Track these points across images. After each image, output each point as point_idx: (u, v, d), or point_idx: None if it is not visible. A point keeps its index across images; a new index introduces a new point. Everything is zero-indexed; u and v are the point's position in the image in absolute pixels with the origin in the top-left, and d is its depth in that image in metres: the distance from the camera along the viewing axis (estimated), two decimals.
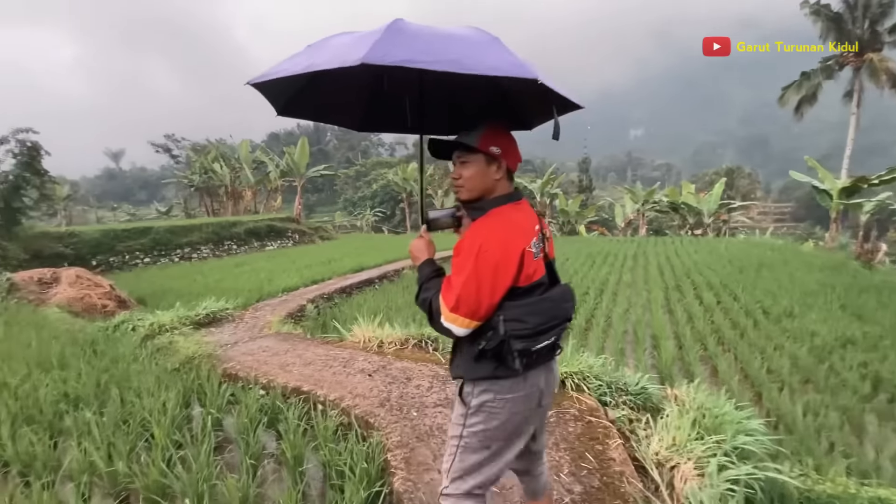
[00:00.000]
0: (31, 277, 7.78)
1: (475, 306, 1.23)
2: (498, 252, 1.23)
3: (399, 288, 10.04)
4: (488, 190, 1.36)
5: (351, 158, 70.09)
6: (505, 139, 1.36)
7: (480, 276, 1.22)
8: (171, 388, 3.10)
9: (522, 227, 1.32)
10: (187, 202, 36.50)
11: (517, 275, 1.26)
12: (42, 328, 5.45)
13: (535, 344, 1.27)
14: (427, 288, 1.37)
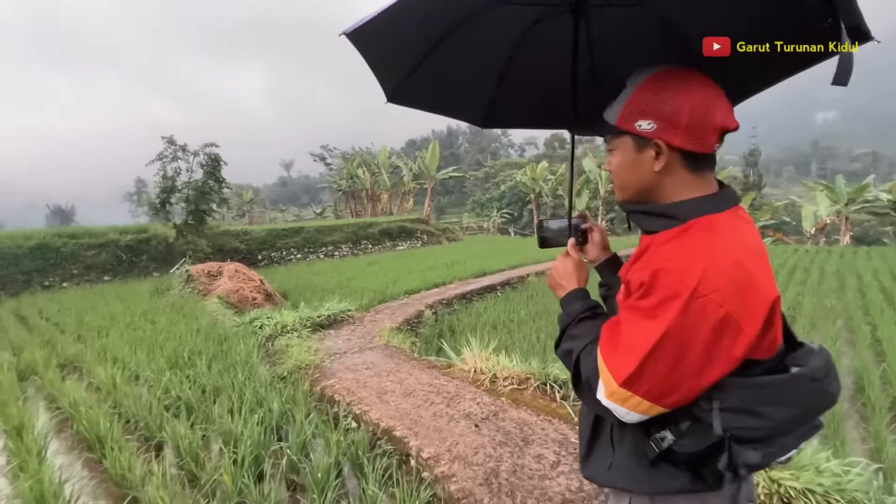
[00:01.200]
0: (202, 270, 9.02)
1: (668, 386, 0.72)
2: (731, 301, 0.68)
3: (522, 297, 9.20)
4: (649, 188, 0.84)
5: (481, 160, 71.06)
6: (669, 100, 0.78)
7: (689, 339, 0.69)
8: (266, 403, 2.85)
9: (761, 256, 0.75)
10: (336, 205, 40.96)
11: (760, 340, 0.72)
12: (197, 318, 6.07)
13: (776, 454, 0.75)
14: (574, 336, 0.89)
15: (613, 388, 0.74)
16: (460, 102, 1.41)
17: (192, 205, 12.33)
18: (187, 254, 12.74)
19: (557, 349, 0.92)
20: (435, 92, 1.34)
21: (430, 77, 1.24)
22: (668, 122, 0.77)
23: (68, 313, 7.11)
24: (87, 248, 11.63)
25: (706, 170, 0.81)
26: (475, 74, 1.29)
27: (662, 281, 0.71)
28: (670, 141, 0.78)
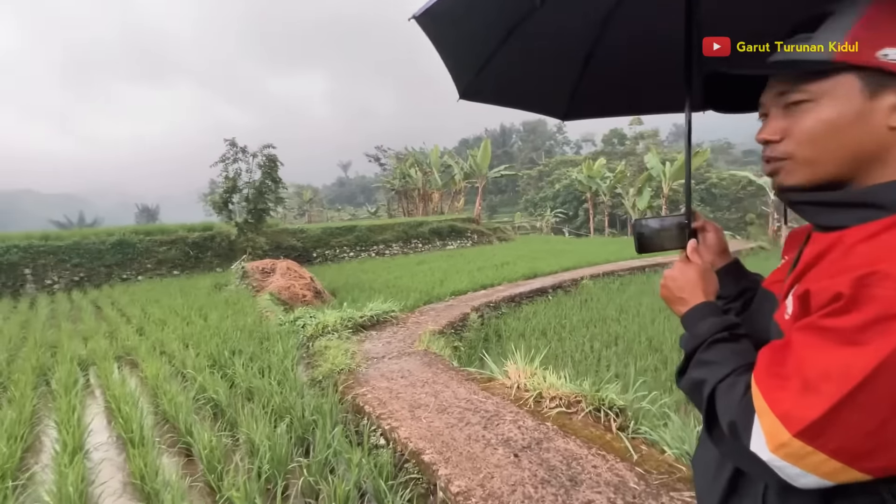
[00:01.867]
0: (257, 267, 9.33)
1: (875, 444, 0.47)
2: None
3: (575, 302, 8.63)
4: (870, 157, 0.56)
5: (535, 159, 69.57)
6: None
7: None
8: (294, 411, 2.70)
9: None
10: (389, 204, 41.74)
11: None
12: (245, 315, 6.20)
13: None
14: (707, 362, 0.65)
15: (783, 438, 0.52)
16: (539, 95, 1.28)
17: (251, 204, 12.89)
18: (247, 250, 13.35)
19: (680, 379, 0.71)
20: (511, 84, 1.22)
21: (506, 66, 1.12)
22: None
23: (136, 305, 7.59)
24: (160, 244, 12.55)
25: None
26: (556, 61, 1.16)
27: (877, 292, 0.48)
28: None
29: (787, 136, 0.62)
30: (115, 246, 11.79)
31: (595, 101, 1.26)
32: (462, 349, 6.12)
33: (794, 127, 0.61)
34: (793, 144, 0.61)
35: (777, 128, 0.62)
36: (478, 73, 1.15)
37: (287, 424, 2.72)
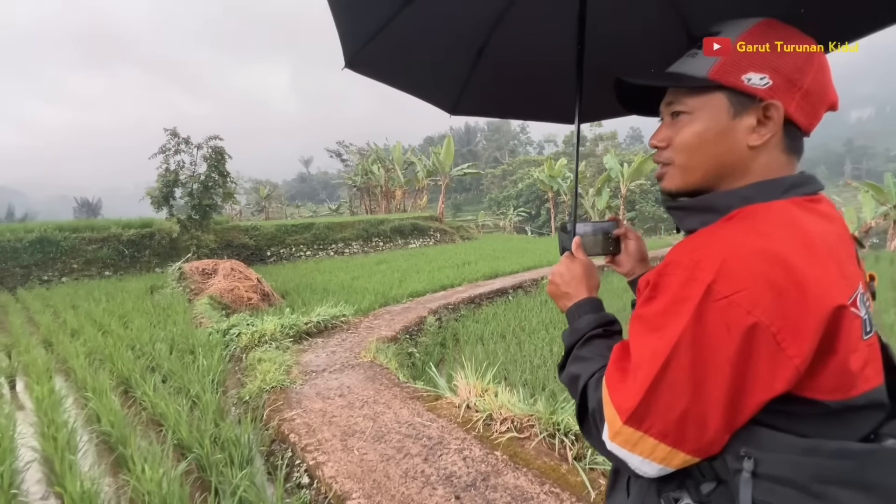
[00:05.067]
0: (196, 268, 8.58)
1: (690, 423, 0.52)
2: (764, 306, 0.49)
3: (535, 303, 8.48)
4: (731, 170, 0.62)
5: (499, 158, 70.20)
6: (786, 54, 0.58)
7: (708, 356, 0.50)
8: (203, 446, 2.24)
9: (836, 252, 0.55)
10: (351, 201, 40.73)
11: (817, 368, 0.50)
12: (175, 323, 5.57)
13: None
14: (582, 357, 0.68)
15: (617, 426, 0.55)
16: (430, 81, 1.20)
17: (195, 199, 11.95)
18: (191, 249, 12.40)
19: (561, 373, 0.72)
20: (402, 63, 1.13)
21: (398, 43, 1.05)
22: (788, 81, 0.58)
23: (48, 312, 6.72)
24: (89, 242, 11.38)
25: (797, 154, 0.62)
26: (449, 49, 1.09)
27: (669, 279, 0.54)
28: (787, 104, 0.58)
29: (670, 144, 0.65)
30: (35, 244, 10.53)
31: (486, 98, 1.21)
32: (417, 356, 5.77)
33: (675, 136, 0.64)
34: (673, 152, 0.65)
35: (664, 135, 0.66)
36: (366, 43, 1.04)
37: (193, 461, 2.27)
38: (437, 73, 1.16)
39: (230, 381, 3.86)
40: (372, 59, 1.07)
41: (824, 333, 0.50)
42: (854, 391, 0.52)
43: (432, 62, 1.13)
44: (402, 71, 1.16)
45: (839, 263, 0.54)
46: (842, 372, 0.51)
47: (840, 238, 0.58)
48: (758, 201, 0.58)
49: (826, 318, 0.50)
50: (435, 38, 1.08)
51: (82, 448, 2.59)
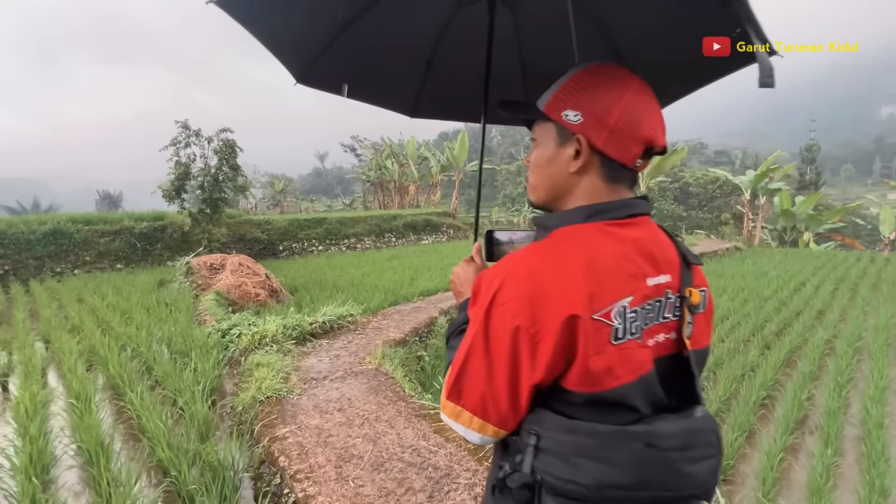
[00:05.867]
0: (204, 262, 8.42)
1: (488, 401, 0.66)
2: (516, 306, 0.64)
3: None
4: (559, 191, 0.76)
5: (514, 154, 69.41)
6: (602, 95, 0.71)
7: (492, 350, 0.65)
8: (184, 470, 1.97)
9: (603, 271, 0.65)
10: (365, 196, 40.64)
11: (556, 362, 0.62)
12: (177, 321, 5.37)
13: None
14: (453, 346, 0.82)
15: (444, 400, 0.71)
16: (385, 90, 1.28)
17: (206, 192, 11.85)
18: (202, 243, 12.32)
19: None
20: (358, 76, 1.18)
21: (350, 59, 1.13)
22: (596, 118, 0.70)
23: (55, 305, 6.61)
24: (101, 234, 11.35)
25: (623, 184, 0.74)
26: (402, 59, 1.18)
27: (479, 289, 0.71)
28: (593, 139, 0.71)
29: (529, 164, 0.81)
30: (48, 236, 10.53)
31: (441, 102, 1.28)
32: (427, 359, 5.48)
33: (530, 157, 0.80)
34: (529, 171, 0.80)
35: (529, 156, 0.81)
36: (316, 60, 1.11)
37: (170, 485, 2.00)
38: (391, 82, 1.21)
39: (227, 386, 3.62)
40: (324, 73, 1.11)
41: (565, 337, 0.61)
42: (600, 387, 0.63)
43: (385, 73, 1.18)
44: (358, 83, 1.19)
45: (602, 281, 0.64)
46: (584, 370, 0.62)
47: (624, 258, 0.67)
48: (568, 224, 0.71)
49: (561, 324, 0.61)
50: (385, 52, 1.14)
51: (57, 463, 2.36)
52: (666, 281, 0.70)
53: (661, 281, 0.69)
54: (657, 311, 0.68)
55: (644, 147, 0.70)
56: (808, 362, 4.96)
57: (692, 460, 0.63)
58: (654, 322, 0.68)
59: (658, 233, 0.74)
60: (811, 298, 8.03)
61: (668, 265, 0.71)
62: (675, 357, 0.70)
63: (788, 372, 5.04)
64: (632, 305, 0.65)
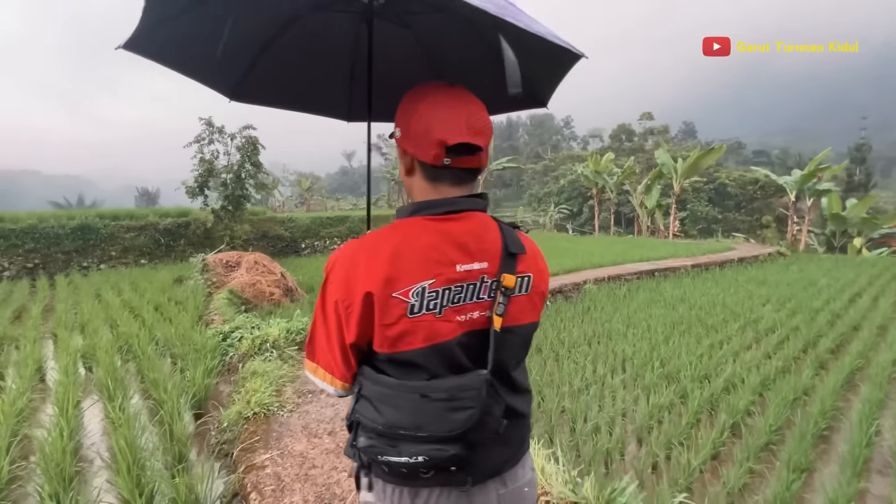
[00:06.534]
0: (220, 260, 8.34)
1: (329, 358, 0.86)
2: (337, 284, 0.83)
3: (577, 310, 7.60)
4: (408, 192, 0.96)
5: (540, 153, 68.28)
6: (407, 110, 0.89)
7: (324, 317, 0.86)
8: None
9: (406, 258, 0.81)
10: (389, 195, 40.73)
11: (363, 329, 0.82)
12: (182, 322, 5.21)
13: (385, 451, 0.80)
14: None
15: (305, 359, 0.91)
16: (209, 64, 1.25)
17: (228, 189, 11.87)
18: (224, 240, 12.36)
19: None
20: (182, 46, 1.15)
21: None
22: (404, 130, 0.89)
23: (71, 300, 6.61)
24: (127, 230, 11.53)
25: (444, 182, 0.88)
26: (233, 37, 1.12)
27: (326, 269, 0.87)
28: (406, 148, 0.89)
29: None
30: (76, 231, 10.76)
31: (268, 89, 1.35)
32: None
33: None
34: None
35: None
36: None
37: None
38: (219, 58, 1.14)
39: (221, 395, 3.36)
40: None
41: (365, 309, 0.79)
42: (396, 349, 0.81)
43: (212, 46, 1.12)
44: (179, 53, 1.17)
45: (403, 266, 0.80)
46: (382, 336, 0.80)
47: (431, 248, 0.82)
48: (401, 217, 0.88)
49: (361, 299, 0.79)
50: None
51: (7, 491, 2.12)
52: (481, 267, 0.85)
53: (474, 267, 0.84)
54: (470, 292, 0.84)
55: (442, 147, 0.82)
56: (874, 387, 4.34)
57: (454, 409, 0.78)
58: (468, 301, 0.84)
59: (482, 226, 0.88)
60: (870, 312, 7.22)
61: (484, 254, 0.85)
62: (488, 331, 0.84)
63: (849, 397, 4.43)
64: (433, 287, 0.80)
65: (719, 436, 3.52)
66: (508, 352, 0.86)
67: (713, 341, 5.82)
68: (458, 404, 0.77)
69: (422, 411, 0.77)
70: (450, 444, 0.77)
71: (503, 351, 0.84)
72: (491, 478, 0.87)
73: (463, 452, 0.78)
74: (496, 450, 0.87)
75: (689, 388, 4.47)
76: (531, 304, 0.91)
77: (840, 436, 3.71)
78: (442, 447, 0.77)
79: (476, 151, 0.84)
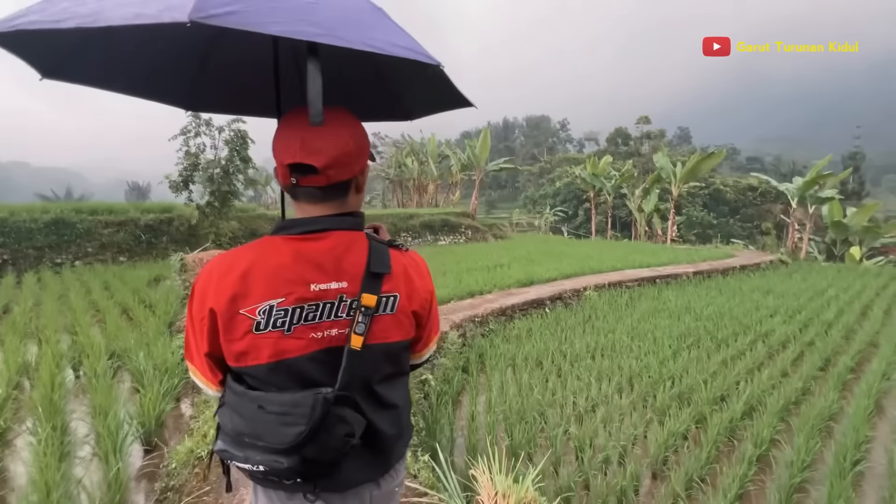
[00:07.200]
0: (200, 259, 7.85)
1: (198, 364, 0.92)
2: (195, 297, 0.88)
3: (578, 319, 7.22)
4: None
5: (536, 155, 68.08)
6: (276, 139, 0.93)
7: (188, 326, 0.92)
8: None
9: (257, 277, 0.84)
10: (384, 194, 40.19)
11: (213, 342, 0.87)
12: (145, 329, 4.73)
13: (234, 456, 0.83)
14: None
15: (186, 360, 0.96)
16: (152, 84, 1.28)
17: (214, 184, 11.35)
18: (210, 237, 11.84)
19: None
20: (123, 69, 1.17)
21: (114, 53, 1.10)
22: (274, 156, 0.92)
23: (32, 301, 6.08)
24: (105, 225, 10.94)
25: (302, 200, 0.91)
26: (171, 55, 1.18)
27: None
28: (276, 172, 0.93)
29: None
30: (49, 225, 10.15)
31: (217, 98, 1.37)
32: (432, 384, 4.70)
33: None
34: None
35: None
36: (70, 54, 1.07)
37: None
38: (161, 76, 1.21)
39: (182, 421, 2.89)
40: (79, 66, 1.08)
41: (212, 324, 0.84)
42: (242, 364, 0.84)
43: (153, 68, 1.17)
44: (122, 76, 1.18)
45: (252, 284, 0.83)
46: (229, 350, 0.84)
47: (283, 267, 0.85)
48: (267, 235, 0.91)
49: (208, 314, 0.84)
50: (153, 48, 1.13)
51: None
52: (339, 287, 0.87)
53: (331, 286, 0.87)
54: (327, 310, 0.87)
55: (284, 167, 0.88)
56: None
57: (287, 424, 0.79)
58: (325, 319, 0.86)
59: (344, 246, 0.90)
60: (884, 327, 6.90)
61: (343, 274, 0.88)
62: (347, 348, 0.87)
63: (878, 423, 4.07)
64: (282, 305, 0.84)
65: (746, 471, 3.13)
66: (369, 369, 0.89)
67: (725, 357, 5.44)
68: (289, 419, 0.78)
69: (259, 422, 0.80)
70: (284, 457, 0.78)
71: (360, 368, 0.86)
72: (361, 484, 0.92)
73: (299, 466, 0.79)
74: (358, 464, 0.89)
75: (705, 411, 4.08)
76: (397, 323, 0.92)
77: (875, 468, 3.33)
78: (277, 459, 0.78)
79: (313, 171, 0.86)
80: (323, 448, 0.79)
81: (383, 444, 0.92)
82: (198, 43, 1.16)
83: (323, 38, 0.75)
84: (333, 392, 0.80)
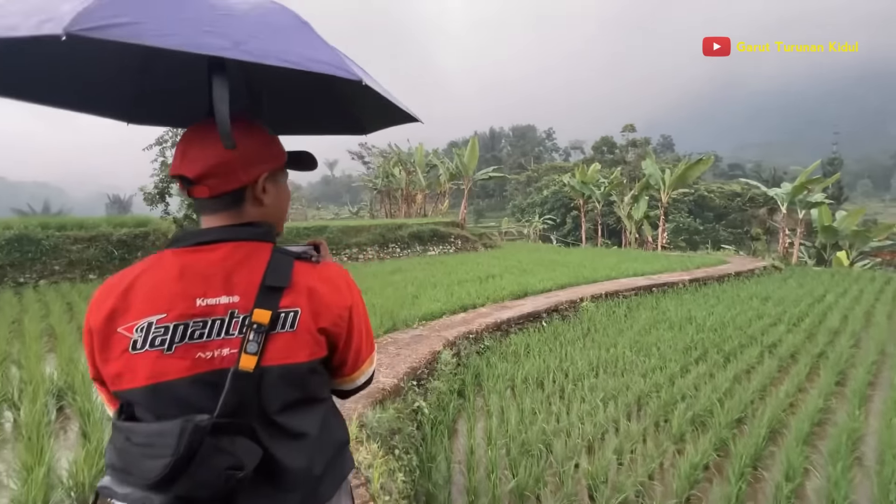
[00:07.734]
0: None
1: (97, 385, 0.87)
2: (86, 320, 0.81)
3: (577, 333, 6.87)
4: None
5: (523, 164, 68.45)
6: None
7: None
8: None
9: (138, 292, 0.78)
10: (372, 204, 39.80)
11: (94, 364, 0.80)
12: None
13: (114, 493, 0.73)
14: None
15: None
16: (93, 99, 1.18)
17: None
18: None
19: None
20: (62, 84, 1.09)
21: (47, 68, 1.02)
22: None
23: None
24: (74, 241, 10.29)
25: (200, 212, 0.87)
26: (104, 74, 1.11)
27: None
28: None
29: None
30: (12, 242, 9.48)
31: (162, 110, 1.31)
32: (426, 412, 4.27)
33: None
34: None
35: None
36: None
37: None
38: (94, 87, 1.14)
39: None
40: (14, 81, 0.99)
41: (89, 344, 0.78)
42: (117, 387, 0.77)
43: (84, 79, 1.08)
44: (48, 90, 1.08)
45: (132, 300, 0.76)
46: (104, 372, 0.78)
47: (166, 281, 0.77)
48: (165, 248, 0.83)
49: (86, 334, 0.79)
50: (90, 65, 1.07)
51: None
52: (230, 301, 0.78)
53: (220, 301, 0.78)
54: (217, 328, 0.77)
55: (177, 178, 0.85)
56: None
57: (151, 456, 0.69)
58: (214, 338, 0.77)
59: (236, 258, 0.81)
60: (893, 334, 6.69)
61: (235, 287, 0.79)
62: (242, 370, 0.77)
63: None
64: (161, 322, 0.75)
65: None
66: (266, 393, 0.78)
67: (736, 372, 5.13)
68: (153, 451, 0.69)
69: (127, 454, 0.72)
70: (154, 493, 0.70)
71: (252, 392, 0.77)
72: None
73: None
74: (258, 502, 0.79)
75: (725, 436, 3.73)
76: (300, 342, 0.82)
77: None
78: (148, 496, 0.70)
79: (189, 181, 0.82)
80: (199, 483, 0.70)
81: (288, 477, 0.80)
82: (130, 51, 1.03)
83: (229, 53, 0.68)
84: (210, 420, 0.71)
